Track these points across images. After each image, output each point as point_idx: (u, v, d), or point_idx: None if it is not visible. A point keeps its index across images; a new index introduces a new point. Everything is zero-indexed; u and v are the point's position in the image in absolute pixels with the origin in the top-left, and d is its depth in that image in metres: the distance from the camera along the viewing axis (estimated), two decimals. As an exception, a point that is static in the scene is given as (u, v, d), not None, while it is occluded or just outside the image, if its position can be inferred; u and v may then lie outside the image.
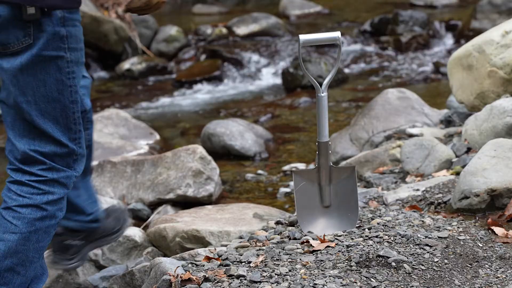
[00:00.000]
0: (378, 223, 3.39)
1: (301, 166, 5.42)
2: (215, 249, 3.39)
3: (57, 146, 2.84)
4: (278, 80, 8.16)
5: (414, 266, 2.99)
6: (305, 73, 3.38)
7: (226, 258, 3.17)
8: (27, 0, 2.70)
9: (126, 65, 8.47)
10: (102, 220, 3.37)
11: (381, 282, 2.88)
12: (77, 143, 2.89)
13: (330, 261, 3.03)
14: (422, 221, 3.42)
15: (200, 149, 4.89)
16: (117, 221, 3.46)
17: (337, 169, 3.42)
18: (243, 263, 3.09)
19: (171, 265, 3.13)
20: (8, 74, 2.78)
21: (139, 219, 4.66)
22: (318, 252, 3.13)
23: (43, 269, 2.97)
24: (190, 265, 3.15)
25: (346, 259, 3.04)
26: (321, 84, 3.35)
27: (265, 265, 3.04)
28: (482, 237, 3.26)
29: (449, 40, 8.92)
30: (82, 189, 3.26)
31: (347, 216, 3.39)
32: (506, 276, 2.95)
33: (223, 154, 5.74)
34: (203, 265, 3.14)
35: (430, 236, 3.23)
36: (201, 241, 3.71)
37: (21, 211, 2.81)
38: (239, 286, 2.89)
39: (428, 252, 3.10)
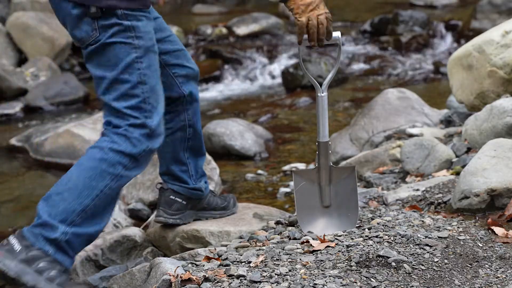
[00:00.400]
0: (378, 223, 3.39)
1: (301, 166, 5.42)
2: (215, 249, 3.39)
3: (130, 118, 3.15)
4: (278, 80, 8.16)
5: (414, 266, 2.99)
6: (305, 73, 3.38)
7: (226, 258, 3.17)
8: (89, 0, 3.07)
9: (126, 65, 8.45)
10: (207, 193, 3.72)
11: (381, 282, 2.88)
12: (149, 119, 3.17)
13: (330, 261, 3.02)
14: (422, 221, 3.42)
15: (200, 149, 4.88)
16: (223, 199, 3.82)
17: (337, 169, 3.42)
18: (243, 263, 3.08)
19: (171, 265, 3.13)
20: (86, 58, 3.19)
21: (139, 219, 4.65)
22: (318, 252, 3.13)
23: (102, 220, 3.18)
24: (190, 265, 3.15)
25: (346, 259, 3.03)
26: (321, 84, 3.35)
27: (265, 265, 3.03)
28: (482, 237, 3.26)
29: (449, 40, 8.91)
30: (191, 165, 3.65)
31: (347, 216, 3.39)
32: (506, 276, 2.95)
33: (223, 154, 5.74)
34: (203, 265, 3.14)
35: (430, 236, 3.23)
36: (201, 241, 3.70)
37: (88, 151, 3.17)
38: (239, 286, 2.89)
39: (428, 252, 3.10)
